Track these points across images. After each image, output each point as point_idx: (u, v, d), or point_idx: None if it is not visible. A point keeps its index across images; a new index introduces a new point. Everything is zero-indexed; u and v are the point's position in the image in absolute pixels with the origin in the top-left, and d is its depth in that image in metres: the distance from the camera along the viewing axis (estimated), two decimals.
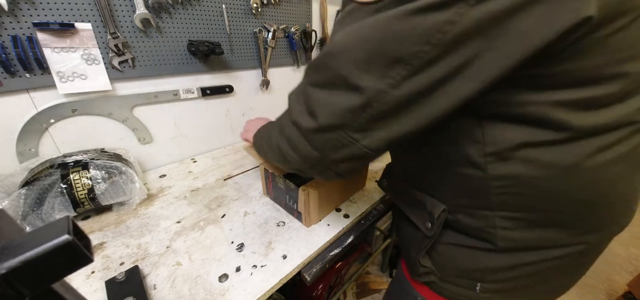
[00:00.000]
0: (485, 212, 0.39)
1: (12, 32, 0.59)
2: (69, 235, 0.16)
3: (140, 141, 0.86)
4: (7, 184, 0.60)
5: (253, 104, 1.11)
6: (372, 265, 1.57)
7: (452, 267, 0.47)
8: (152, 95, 0.82)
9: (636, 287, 1.34)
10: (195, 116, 0.96)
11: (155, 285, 0.50)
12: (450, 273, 0.48)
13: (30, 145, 0.68)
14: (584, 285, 1.54)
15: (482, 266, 0.43)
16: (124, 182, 0.66)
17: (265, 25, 1.00)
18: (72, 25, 0.64)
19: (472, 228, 0.42)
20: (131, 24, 0.72)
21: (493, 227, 0.39)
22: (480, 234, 0.41)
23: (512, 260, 0.41)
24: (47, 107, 0.68)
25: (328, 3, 1.19)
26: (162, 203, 0.73)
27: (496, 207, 0.38)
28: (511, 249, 0.40)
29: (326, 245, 0.62)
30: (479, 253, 0.43)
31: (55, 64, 0.64)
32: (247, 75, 1.04)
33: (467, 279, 0.46)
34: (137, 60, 0.76)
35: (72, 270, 0.17)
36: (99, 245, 0.58)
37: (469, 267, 0.45)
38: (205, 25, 0.85)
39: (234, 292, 0.49)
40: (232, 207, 0.71)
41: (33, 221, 0.56)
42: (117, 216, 0.67)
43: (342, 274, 1.16)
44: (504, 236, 0.39)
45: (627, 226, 0.42)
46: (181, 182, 0.83)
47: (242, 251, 0.58)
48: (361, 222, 0.69)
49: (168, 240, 0.60)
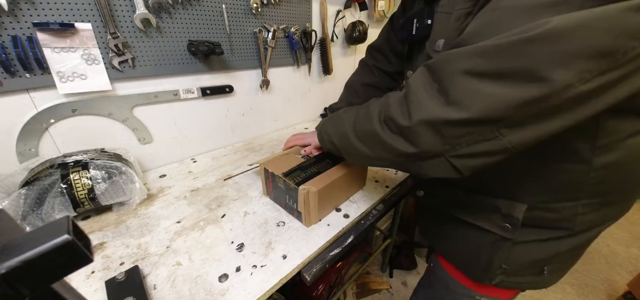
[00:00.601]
0: (568, 203, 0.42)
1: (12, 32, 0.59)
2: (68, 235, 0.16)
3: (140, 141, 0.86)
4: (7, 184, 0.60)
5: (253, 104, 1.11)
6: (372, 265, 1.58)
7: (522, 261, 0.49)
8: (152, 95, 0.82)
9: (636, 287, 1.34)
10: (195, 116, 0.96)
11: (155, 285, 0.50)
12: (519, 267, 0.50)
13: (30, 145, 0.68)
14: (584, 285, 1.54)
15: (554, 252, 0.47)
16: (124, 182, 0.66)
17: (265, 25, 1.00)
18: (72, 25, 0.64)
19: (549, 220, 0.44)
20: (131, 24, 0.72)
21: (574, 216, 0.42)
22: (557, 224, 0.44)
23: (579, 240, 0.45)
24: (47, 107, 0.68)
25: (328, 3, 1.19)
26: (162, 203, 0.73)
27: (585, 196, 0.40)
28: (583, 230, 0.44)
29: (326, 245, 0.62)
30: (552, 242, 0.46)
31: (55, 64, 0.64)
32: (247, 75, 1.04)
33: (535, 267, 0.49)
34: (137, 60, 0.76)
35: (72, 270, 0.17)
36: (99, 245, 0.58)
37: (540, 257, 0.48)
38: (205, 25, 0.85)
39: (234, 292, 0.49)
40: (232, 207, 0.71)
41: (33, 221, 0.56)
42: (117, 216, 0.67)
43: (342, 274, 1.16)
44: (583, 221, 0.42)
45: (627, 226, 0.45)
46: (181, 182, 0.83)
47: (242, 251, 0.58)
48: (361, 222, 0.69)
49: (168, 240, 0.60)
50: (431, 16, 0.47)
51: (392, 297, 1.45)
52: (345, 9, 1.29)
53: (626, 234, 1.83)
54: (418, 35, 0.50)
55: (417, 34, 0.50)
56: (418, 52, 0.55)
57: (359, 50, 1.51)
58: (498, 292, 0.58)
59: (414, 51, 0.58)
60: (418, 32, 0.50)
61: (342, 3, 1.28)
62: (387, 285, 1.47)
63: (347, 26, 1.34)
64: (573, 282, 1.55)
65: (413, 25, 0.51)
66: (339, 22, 1.28)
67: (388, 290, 1.47)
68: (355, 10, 1.36)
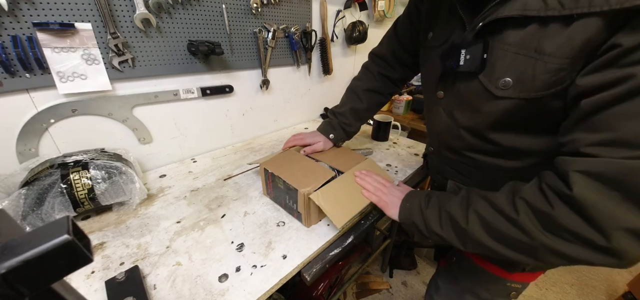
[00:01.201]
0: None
1: (12, 32, 0.59)
2: (68, 235, 0.16)
3: (140, 141, 0.86)
4: (7, 184, 0.60)
5: (253, 104, 1.11)
6: (372, 265, 1.58)
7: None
8: (152, 95, 0.82)
9: (636, 287, 1.34)
10: (195, 116, 0.96)
11: (155, 285, 0.50)
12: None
13: (30, 145, 0.68)
14: (584, 285, 1.54)
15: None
16: (124, 182, 0.66)
17: (265, 25, 1.00)
18: (72, 25, 0.64)
19: None
20: (131, 24, 0.72)
21: None
22: None
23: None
24: (47, 107, 0.68)
25: (328, 3, 1.19)
26: (162, 203, 0.73)
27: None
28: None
29: (326, 245, 0.62)
30: None
31: (55, 64, 0.64)
32: (247, 75, 1.04)
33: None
34: (137, 60, 0.76)
35: (72, 270, 0.17)
36: (99, 245, 0.58)
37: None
38: (205, 25, 0.85)
39: (234, 292, 0.49)
40: (232, 207, 0.71)
41: (33, 221, 0.56)
42: (117, 216, 0.67)
43: (342, 274, 1.16)
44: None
45: None
46: (181, 182, 0.83)
47: (242, 251, 0.58)
48: (361, 222, 0.69)
49: (168, 240, 0.60)
50: (486, 49, 0.45)
51: (392, 297, 1.45)
52: (345, 9, 1.29)
53: None
54: (468, 67, 0.48)
55: (466, 65, 0.48)
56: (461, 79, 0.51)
57: (359, 50, 1.51)
58: (528, 277, 0.62)
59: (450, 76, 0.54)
60: (468, 64, 0.47)
61: (342, 3, 1.28)
62: (387, 285, 1.47)
63: (347, 26, 1.34)
64: (573, 282, 1.55)
65: (461, 57, 0.48)
66: (339, 22, 1.28)
67: (388, 290, 1.47)
68: (355, 10, 1.36)
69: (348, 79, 1.52)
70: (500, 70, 0.44)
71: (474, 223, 0.46)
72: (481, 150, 0.54)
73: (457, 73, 0.51)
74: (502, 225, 0.42)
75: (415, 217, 0.56)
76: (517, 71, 0.42)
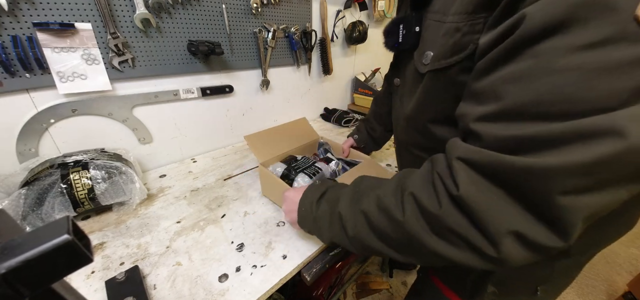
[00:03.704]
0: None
1: (12, 32, 0.59)
2: (68, 235, 0.16)
3: (140, 141, 0.86)
4: (7, 184, 0.60)
5: (253, 104, 1.11)
6: (372, 265, 1.57)
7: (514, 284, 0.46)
8: (152, 95, 0.82)
9: (636, 287, 1.34)
10: (195, 116, 0.96)
11: (155, 285, 0.50)
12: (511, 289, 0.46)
13: (30, 145, 0.68)
14: (584, 285, 1.54)
15: (549, 271, 0.44)
16: (124, 182, 0.66)
17: (265, 25, 1.00)
18: (72, 25, 0.64)
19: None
20: (131, 24, 0.72)
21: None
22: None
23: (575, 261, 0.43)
24: (47, 107, 0.68)
25: (328, 3, 1.19)
26: (162, 203, 0.73)
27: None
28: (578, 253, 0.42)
29: (326, 245, 0.62)
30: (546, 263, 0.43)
31: (55, 64, 0.64)
32: (247, 75, 1.04)
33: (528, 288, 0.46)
34: (137, 60, 0.76)
35: (72, 270, 0.17)
36: (99, 245, 0.58)
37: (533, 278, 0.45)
38: (205, 25, 0.85)
39: (234, 292, 0.49)
40: (232, 207, 0.71)
41: (33, 221, 0.56)
42: (117, 216, 0.67)
43: (342, 274, 1.16)
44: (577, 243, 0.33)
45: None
46: (181, 182, 0.83)
47: (242, 251, 0.58)
48: None
49: (168, 240, 0.60)
50: (420, 23, 0.42)
51: (392, 297, 1.45)
52: (345, 9, 1.29)
53: (626, 234, 1.83)
54: (405, 43, 0.45)
55: (404, 41, 0.45)
56: (407, 60, 0.48)
57: (359, 50, 1.51)
58: None
59: (402, 59, 0.52)
60: (405, 40, 0.44)
61: (342, 3, 1.28)
62: (387, 285, 1.47)
63: (347, 26, 1.34)
64: (573, 282, 1.55)
65: (399, 32, 0.45)
66: (339, 22, 1.28)
67: (388, 290, 1.47)
68: (355, 10, 1.36)
69: (348, 79, 1.52)
70: (426, 42, 0.41)
71: (361, 226, 0.39)
72: (423, 147, 0.50)
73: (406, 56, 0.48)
74: (388, 228, 0.36)
75: (310, 225, 0.47)
76: (435, 42, 0.38)
